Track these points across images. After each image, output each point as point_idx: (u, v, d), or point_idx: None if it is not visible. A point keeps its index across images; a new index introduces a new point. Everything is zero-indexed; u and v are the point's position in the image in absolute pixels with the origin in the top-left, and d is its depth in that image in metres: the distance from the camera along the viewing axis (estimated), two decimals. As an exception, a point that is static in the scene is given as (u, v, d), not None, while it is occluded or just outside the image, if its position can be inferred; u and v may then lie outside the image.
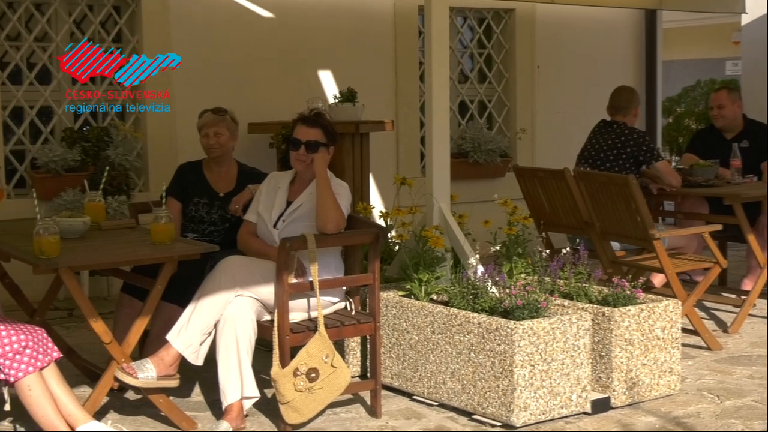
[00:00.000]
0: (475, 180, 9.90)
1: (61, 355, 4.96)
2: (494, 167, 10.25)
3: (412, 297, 5.82)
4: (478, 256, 5.92)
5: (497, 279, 5.62)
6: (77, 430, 4.75)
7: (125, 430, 4.83)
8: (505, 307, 5.35)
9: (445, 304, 5.65)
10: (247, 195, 6.13)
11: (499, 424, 5.29)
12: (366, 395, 5.70)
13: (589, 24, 11.15)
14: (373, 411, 5.56)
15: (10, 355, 4.70)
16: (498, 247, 6.20)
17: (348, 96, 8.53)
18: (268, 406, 5.59)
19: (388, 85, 9.96)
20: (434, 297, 5.79)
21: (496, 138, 10.39)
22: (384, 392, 5.70)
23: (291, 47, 9.34)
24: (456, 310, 5.48)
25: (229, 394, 5.20)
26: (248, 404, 5.28)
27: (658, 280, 7.76)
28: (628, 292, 5.71)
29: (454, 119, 10.38)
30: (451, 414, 5.53)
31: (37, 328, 4.93)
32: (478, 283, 5.63)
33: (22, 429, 5.31)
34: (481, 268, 5.79)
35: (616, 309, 5.56)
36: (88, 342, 6.55)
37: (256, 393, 5.24)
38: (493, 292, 5.57)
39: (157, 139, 8.76)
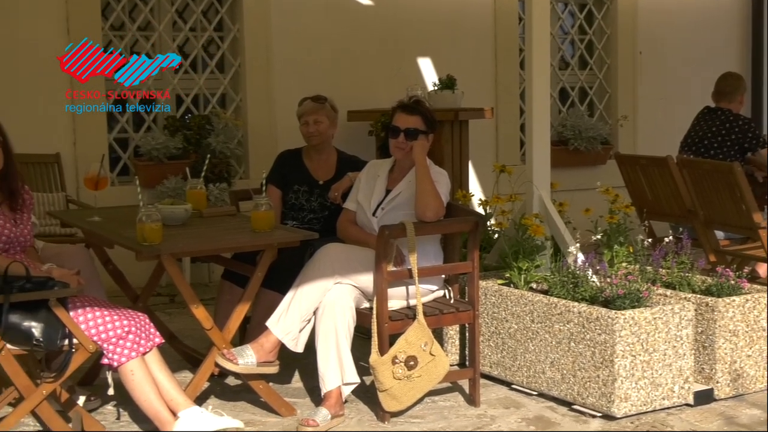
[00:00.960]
0: (575, 168, 9.79)
1: (163, 341, 5.02)
2: (595, 155, 10.13)
3: (512, 285, 5.78)
4: (578, 244, 5.86)
5: (598, 268, 5.55)
6: (179, 414, 4.81)
7: (225, 415, 4.87)
8: (605, 297, 5.29)
9: (545, 292, 5.60)
10: (347, 183, 6.13)
11: (599, 414, 5.23)
12: (464, 384, 5.68)
13: (693, 8, 10.95)
14: (472, 399, 5.54)
15: (114, 340, 4.77)
16: (599, 236, 6.12)
17: (447, 83, 8.49)
18: (367, 393, 5.60)
19: (488, 72, 9.90)
20: (534, 286, 5.74)
21: (597, 125, 10.26)
22: (482, 381, 5.67)
23: (390, 35, 9.33)
24: (556, 299, 5.42)
25: (328, 381, 5.22)
26: (347, 391, 5.29)
27: (763, 269, 7.58)
28: (733, 282, 5.60)
29: (555, 106, 10.28)
30: (550, 404, 5.48)
31: (140, 313, 5.00)
32: (578, 272, 5.56)
33: (125, 413, 5.39)
34: (581, 257, 5.72)
35: (720, 299, 5.46)
36: (190, 328, 6.63)
37: (356, 379, 5.25)
38: (593, 281, 5.50)
39: (257, 127, 8.83)
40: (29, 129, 7.44)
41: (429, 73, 9.40)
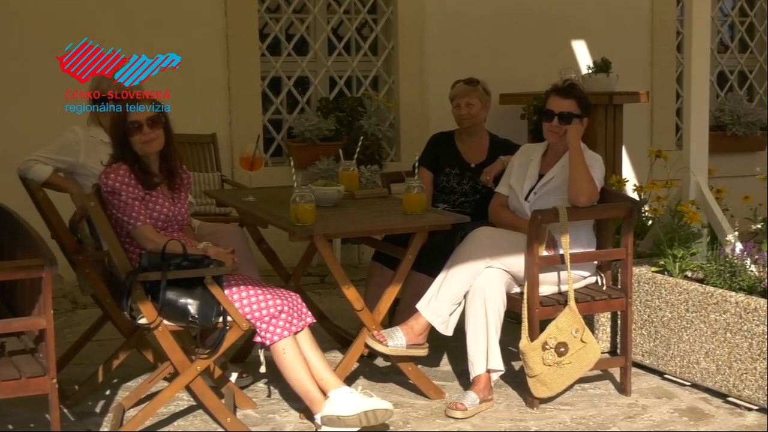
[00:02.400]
0: (733, 154, 9.54)
1: (315, 321, 5.07)
2: (754, 140, 9.86)
3: (666, 273, 5.66)
4: (736, 232, 5.70)
5: (757, 257, 5.39)
6: (328, 393, 4.84)
7: (374, 396, 4.89)
8: (764, 287, 5.14)
9: (700, 281, 5.47)
10: (499, 166, 6.09)
11: (756, 407, 5.09)
12: (615, 372, 5.59)
13: None
14: (623, 388, 5.45)
15: (267, 318, 4.84)
16: (759, 225, 5.94)
17: (602, 66, 8.37)
18: (516, 378, 5.57)
19: (644, 55, 9.72)
20: (689, 274, 5.62)
21: (757, 110, 9.99)
22: (634, 369, 5.57)
23: (544, 17, 9.23)
24: (712, 288, 5.29)
25: (477, 366, 5.21)
26: (495, 376, 5.27)
27: None
28: None
29: (712, 90, 10.04)
30: (704, 395, 5.36)
31: (292, 293, 5.05)
32: (735, 261, 5.41)
33: (276, 390, 5.47)
34: (739, 246, 5.57)
35: None
36: (340, 308, 6.68)
37: (501, 366, 5.21)
38: (752, 271, 5.34)
39: (409, 110, 8.85)
40: (187, 109, 7.59)
41: (583, 55, 9.27)
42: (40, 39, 7.76)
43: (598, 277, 5.56)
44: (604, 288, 5.51)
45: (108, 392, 5.53)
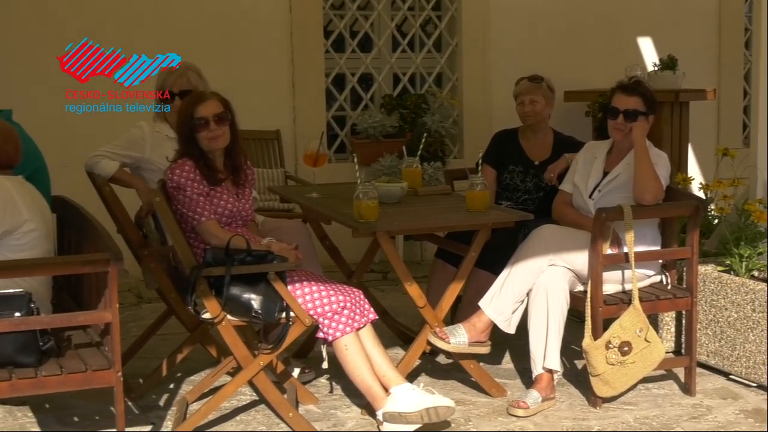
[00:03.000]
0: (801, 152, 9.39)
1: (377, 317, 5.07)
2: (823, 139, 9.69)
3: (732, 273, 5.59)
4: (804, 232, 5.62)
5: (826, 257, 5.32)
6: (390, 390, 4.85)
7: (436, 393, 4.89)
8: (833, 288, 5.07)
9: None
10: (563, 164, 6.06)
11: (824, 410, 5.02)
12: (680, 372, 5.54)
13: None
14: (687, 388, 5.40)
15: (330, 314, 4.85)
16: (827, 224, 5.85)
17: (668, 63, 8.28)
18: (579, 377, 5.54)
19: (711, 52, 9.60)
20: (755, 273, 5.54)
21: (827, 108, 9.81)
22: (699, 370, 5.52)
23: (610, 13, 9.15)
24: (779, 289, 5.23)
25: (539, 364, 5.18)
26: (558, 374, 5.24)
27: None
28: None
29: (781, 88, 9.88)
30: (770, 397, 5.31)
31: (355, 289, 5.06)
32: (804, 261, 5.34)
33: (338, 386, 5.49)
34: (807, 246, 5.49)
35: None
36: (402, 305, 6.68)
37: (557, 366, 5.18)
38: (820, 271, 5.27)
39: (472, 107, 8.82)
40: (251, 106, 7.63)
41: (649, 52, 9.18)
42: (107, 36, 7.84)
43: (663, 276, 5.51)
44: (669, 287, 5.47)
45: (172, 386, 5.58)
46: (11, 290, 4.26)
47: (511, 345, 5.94)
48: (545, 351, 5.16)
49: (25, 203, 4.63)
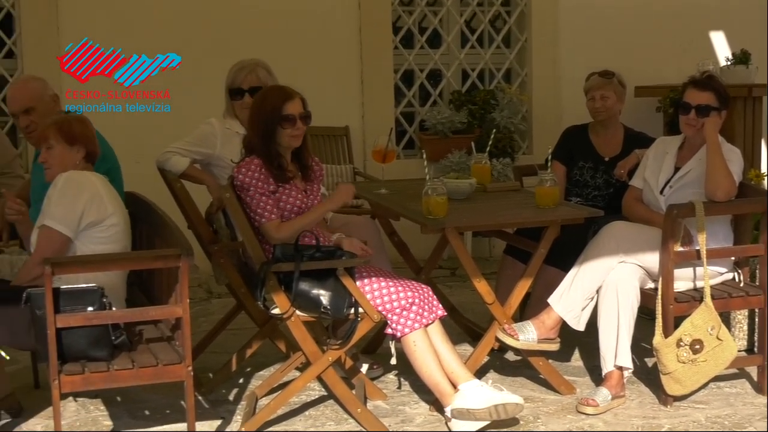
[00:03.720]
0: None
1: (446, 313, 5.06)
2: None
3: (806, 271, 5.51)
4: None
5: None
6: (459, 386, 4.84)
7: (505, 390, 4.87)
8: None
9: (843, 279, 5.31)
10: (633, 160, 6.00)
11: None
12: (752, 371, 5.47)
13: None
14: (760, 387, 5.33)
15: (398, 310, 4.85)
16: None
17: (741, 58, 8.19)
18: (649, 375, 5.49)
19: (785, 47, 9.46)
20: (831, 271, 5.46)
21: None
22: (771, 369, 5.45)
23: (681, 7, 9.04)
24: None
25: (609, 361, 5.14)
26: (627, 373, 5.20)
27: None
28: None
29: None
30: None
31: (423, 285, 5.06)
32: None
33: (406, 382, 5.49)
34: None
35: None
36: (470, 301, 6.67)
37: (629, 364, 5.13)
38: None
39: (542, 102, 8.77)
40: (320, 102, 7.64)
41: (722, 47, 9.06)
42: (167, 34, 7.93)
43: (735, 274, 5.43)
44: (742, 285, 5.39)
45: (241, 380, 5.62)
46: (84, 285, 4.32)
47: (581, 342, 5.90)
48: (616, 348, 5.12)
49: (109, 198, 4.72)
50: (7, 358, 4.80)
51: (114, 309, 4.41)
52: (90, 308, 4.24)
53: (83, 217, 4.63)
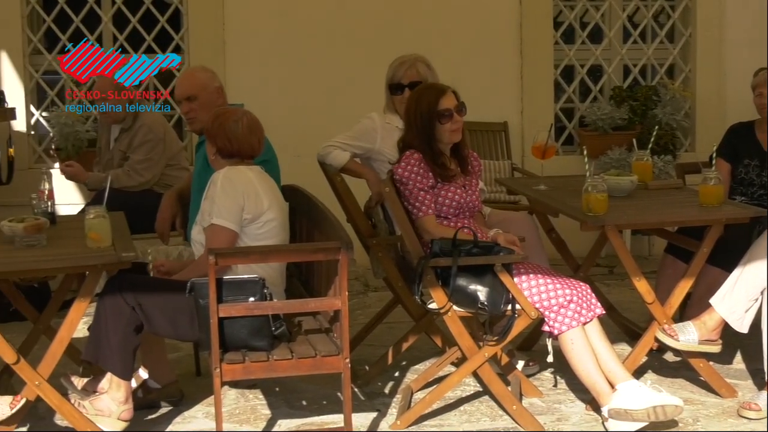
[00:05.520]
0: None
1: (604, 312, 5.00)
2: None
3: None
4: None
5: None
6: (616, 386, 4.78)
7: (664, 391, 4.78)
8: None
9: None
10: (802, 158, 5.83)
11: None
12: None
13: None
14: None
15: (556, 308, 4.82)
16: None
17: None
18: (816, 381, 5.32)
19: None
20: None
21: None
22: None
23: None
24: None
25: (773, 365, 5.02)
26: (793, 376, 5.06)
27: None
28: None
29: None
30: None
31: (582, 283, 5.00)
32: None
33: (562, 380, 5.45)
34: None
35: None
36: (628, 300, 6.58)
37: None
38: None
39: (706, 99, 8.59)
40: (478, 97, 7.65)
41: None
42: (330, 30, 8.03)
43: None
44: None
45: (396, 374, 5.66)
46: (246, 276, 4.41)
47: (743, 344, 5.76)
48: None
49: (265, 193, 4.80)
50: None
51: (274, 300, 4.48)
52: (251, 299, 4.32)
53: (243, 212, 4.72)
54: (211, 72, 5.67)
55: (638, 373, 5.33)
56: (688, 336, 5.12)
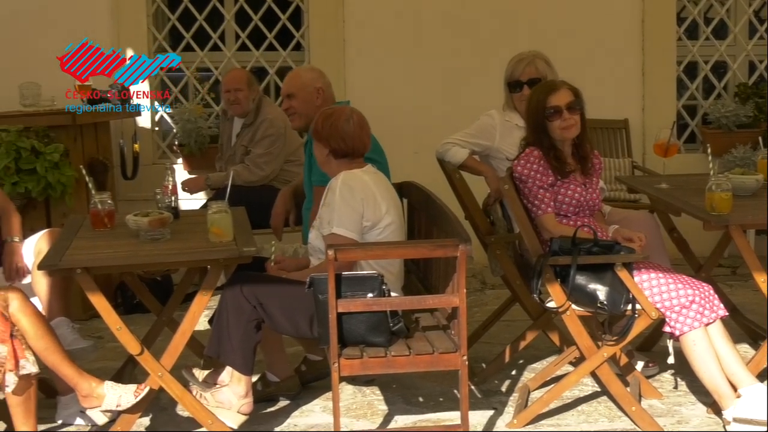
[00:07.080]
0: None
1: (727, 313, 4.90)
2: None
3: None
4: None
5: None
6: (740, 390, 4.68)
7: (788, 396, 4.68)
8: None
9: None
10: None
11: None
12: None
13: None
14: None
15: (677, 308, 4.74)
16: None
17: None
18: None
19: None
20: None
21: None
22: None
23: None
24: None
25: None
26: None
27: None
28: None
29: None
30: None
31: (704, 284, 4.91)
32: None
33: (683, 382, 5.35)
34: None
35: None
36: (752, 302, 6.46)
37: None
38: None
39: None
40: (599, 94, 7.58)
41: None
42: (447, 27, 8.03)
43: None
44: None
45: (513, 372, 5.63)
46: (365, 272, 4.43)
47: None
48: None
49: (382, 196, 4.81)
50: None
51: (393, 296, 4.50)
52: (370, 294, 4.33)
53: (363, 219, 4.73)
54: (318, 72, 5.72)
55: (763, 377, 5.21)
56: (815, 340, 5.00)
